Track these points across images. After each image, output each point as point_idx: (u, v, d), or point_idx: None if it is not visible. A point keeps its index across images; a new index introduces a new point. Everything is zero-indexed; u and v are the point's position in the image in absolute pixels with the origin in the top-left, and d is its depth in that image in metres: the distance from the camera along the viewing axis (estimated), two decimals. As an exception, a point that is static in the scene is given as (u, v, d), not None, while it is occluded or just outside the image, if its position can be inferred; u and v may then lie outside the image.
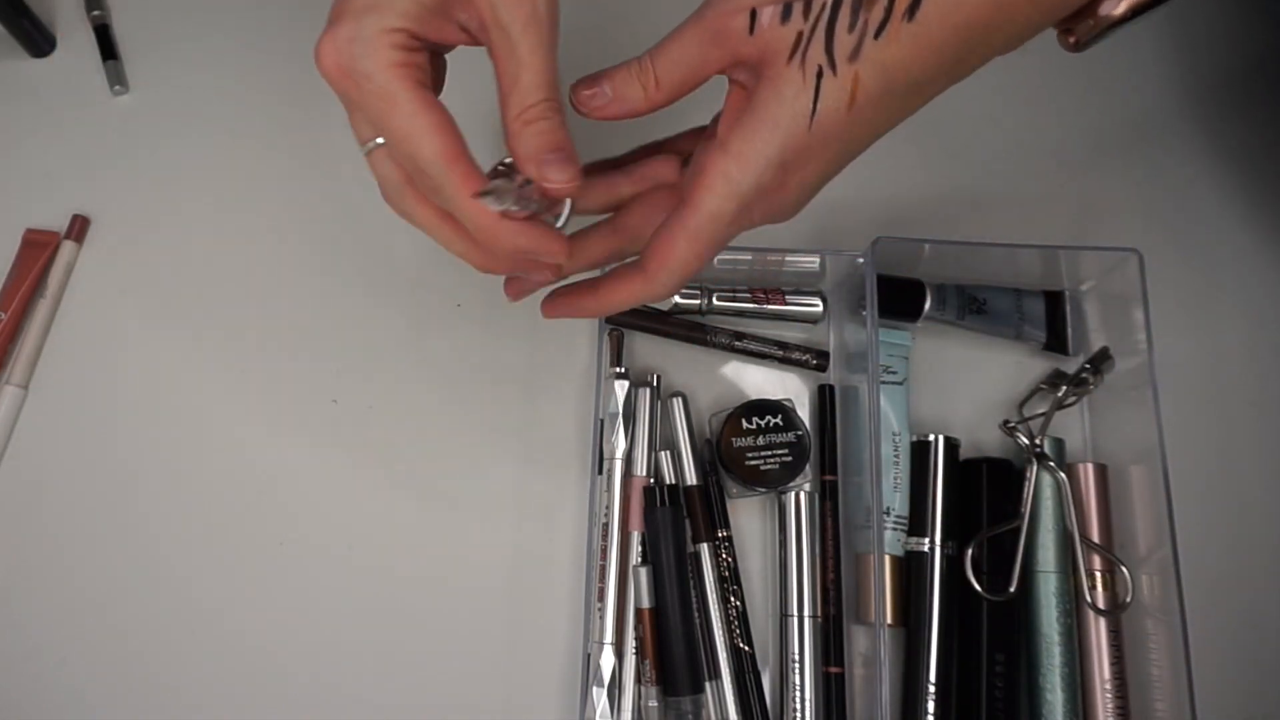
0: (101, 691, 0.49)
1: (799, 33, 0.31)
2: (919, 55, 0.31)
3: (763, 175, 0.33)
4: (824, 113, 0.32)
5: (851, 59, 0.31)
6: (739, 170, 0.33)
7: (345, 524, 0.52)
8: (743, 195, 0.33)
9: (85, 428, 0.53)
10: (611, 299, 0.38)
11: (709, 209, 0.34)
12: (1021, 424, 0.51)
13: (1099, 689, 0.47)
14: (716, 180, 0.33)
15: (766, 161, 0.33)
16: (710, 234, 0.34)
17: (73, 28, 0.61)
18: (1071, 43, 0.34)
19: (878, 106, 0.32)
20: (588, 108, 0.35)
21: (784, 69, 0.32)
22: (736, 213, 0.34)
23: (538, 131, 0.33)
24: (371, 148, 0.34)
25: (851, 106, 0.32)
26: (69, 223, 0.56)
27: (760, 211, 0.35)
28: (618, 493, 0.49)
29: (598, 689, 0.46)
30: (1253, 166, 0.59)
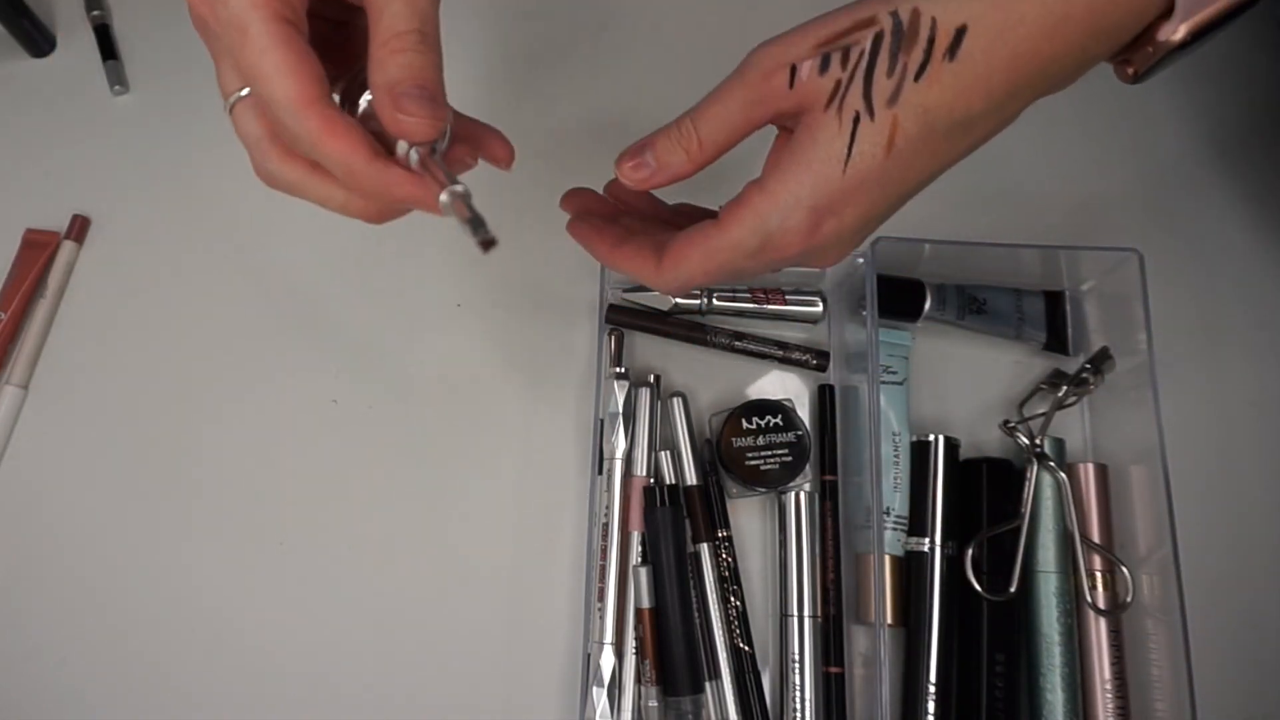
0: (101, 691, 0.49)
1: (837, 81, 0.32)
2: (964, 94, 0.31)
3: (789, 216, 0.33)
4: (859, 156, 0.32)
5: (890, 103, 0.31)
6: (768, 207, 0.33)
7: (345, 524, 0.52)
8: (767, 232, 0.33)
9: (85, 428, 0.53)
10: (623, 262, 0.38)
11: (732, 236, 0.34)
12: (1021, 424, 0.51)
13: (1099, 689, 0.47)
14: (747, 213, 0.34)
15: (796, 202, 0.33)
16: (726, 259, 0.35)
17: (73, 28, 0.61)
18: (1130, 74, 0.33)
19: (918, 149, 0.32)
20: (633, 180, 0.36)
21: (821, 116, 0.32)
22: (758, 248, 0.34)
23: (404, 63, 0.30)
24: (235, 100, 0.31)
25: (890, 150, 0.31)
26: (69, 223, 0.56)
27: (790, 252, 0.34)
28: (618, 493, 0.49)
29: (598, 689, 0.46)
30: (1254, 167, 0.59)
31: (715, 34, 0.60)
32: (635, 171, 0.35)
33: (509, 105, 0.60)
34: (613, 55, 0.61)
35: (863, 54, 0.31)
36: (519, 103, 0.60)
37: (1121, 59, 0.33)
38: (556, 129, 0.59)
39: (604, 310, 0.52)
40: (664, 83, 0.61)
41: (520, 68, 0.61)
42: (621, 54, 0.61)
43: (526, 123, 0.59)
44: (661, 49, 0.61)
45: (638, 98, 0.60)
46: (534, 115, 0.60)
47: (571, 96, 0.60)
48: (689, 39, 0.62)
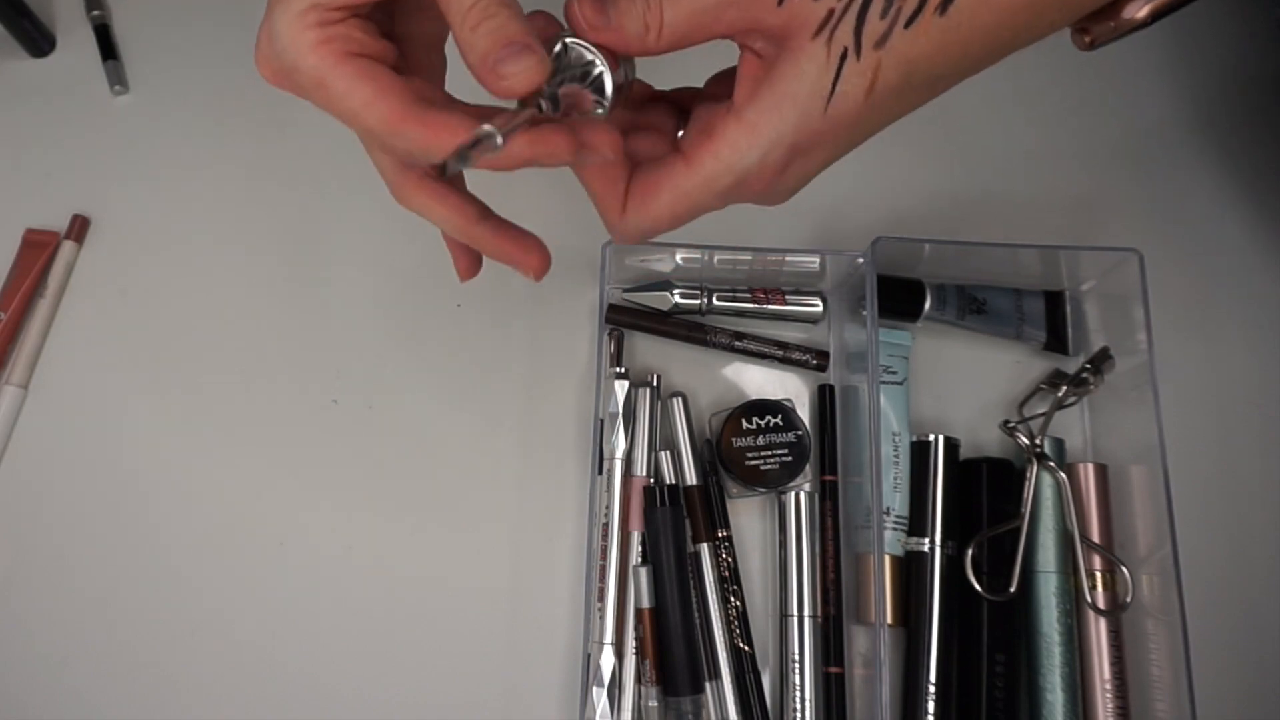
0: (102, 691, 0.49)
1: (830, 10, 0.30)
2: (944, 51, 0.30)
3: (770, 153, 0.31)
4: (841, 97, 0.30)
5: (877, 46, 0.30)
6: (748, 142, 0.31)
7: (345, 524, 0.52)
8: (745, 169, 0.32)
9: (85, 428, 0.53)
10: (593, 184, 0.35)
11: (707, 172, 0.32)
12: (1021, 424, 0.51)
13: (1099, 689, 0.47)
14: (723, 147, 0.32)
15: (779, 138, 0.31)
16: (697, 198, 0.33)
17: (73, 28, 0.61)
18: (1087, 42, 0.33)
19: (893, 99, 0.31)
20: (583, 18, 0.32)
21: (808, 44, 0.30)
22: (731, 186, 0.32)
23: (486, 31, 0.29)
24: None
25: (869, 95, 0.30)
26: (69, 223, 0.56)
27: (754, 191, 0.33)
28: (618, 493, 0.49)
29: (598, 689, 0.46)
30: (1253, 167, 0.59)
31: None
32: (590, 10, 0.32)
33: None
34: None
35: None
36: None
37: (1079, 27, 0.33)
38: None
39: (604, 310, 0.52)
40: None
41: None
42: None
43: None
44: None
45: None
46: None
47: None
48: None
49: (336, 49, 0.30)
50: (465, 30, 0.30)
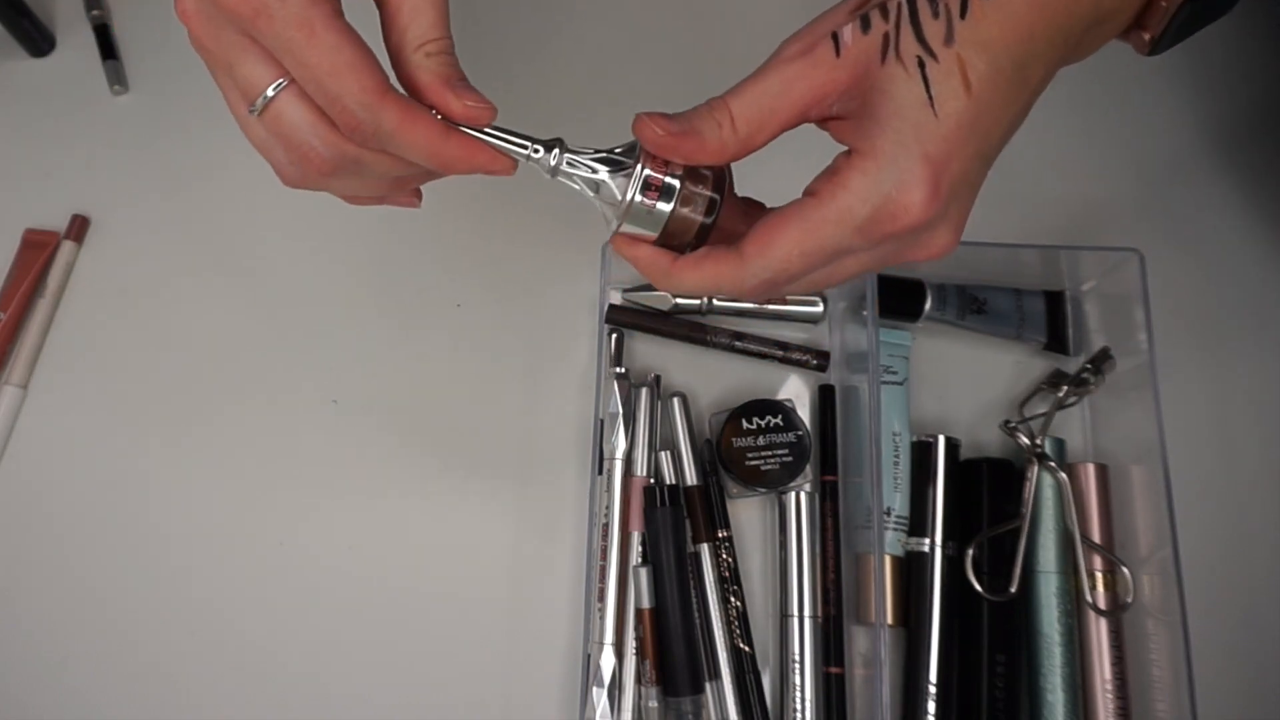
0: (102, 690, 0.49)
1: (885, 34, 0.30)
2: (1012, 31, 0.29)
3: (906, 169, 0.29)
4: (943, 97, 0.29)
5: (947, 42, 0.29)
6: (876, 164, 0.29)
7: (345, 524, 0.52)
8: (882, 194, 0.29)
9: (85, 428, 0.53)
10: (690, 271, 0.33)
11: (839, 204, 0.30)
12: (1022, 424, 0.51)
13: (1100, 690, 0.47)
14: (852, 175, 0.30)
15: (907, 151, 0.29)
16: (830, 233, 0.30)
17: (72, 28, 0.61)
18: (1146, 40, 0.32)
19: (994, 89, 0.29)
20: (659, 135, 0.31)
21: (882, 70, 0.30)
22: (869, 218, 0.30)
23: (445, 63, 0.31)
24: (270, 97, 0.30)
25: (969, 90, 0.29)
26: (69, 223, 0.56)
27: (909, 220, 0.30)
28: (618, 493, 0.49)
29: (598, 689, 0.46)
30: (1254, 166, 0.58)
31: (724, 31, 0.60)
32: (665, 125, 0.31)
33: (508, 102, 0.59)
34: (623, 54, 0.61)
35: (900, 5, 0.30)
36: (518, 99, 0.60)
37: (1136, 25, 0.32)
38: (556, 125, 0.59)
39: (604, 310, 0.52)
40: (689, 82, 0.61)
41: (520, 64, 0.61)
42: (633, 53, 0.61)
43: (523, 120, 0.59)
44: (683, 53, 0.61)
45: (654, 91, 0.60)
46: (532, 112, 0.59)
47: (572, 93, 0.60)
48: (703, 41, 0.61)
49: (332, 3, 0.29)
50: (419, 53, 0.31)
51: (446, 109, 0.31)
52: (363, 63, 0.29)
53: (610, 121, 0.37)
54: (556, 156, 0.33)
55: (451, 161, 0.32)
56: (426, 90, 0.31)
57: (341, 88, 0.29)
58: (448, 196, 0.59)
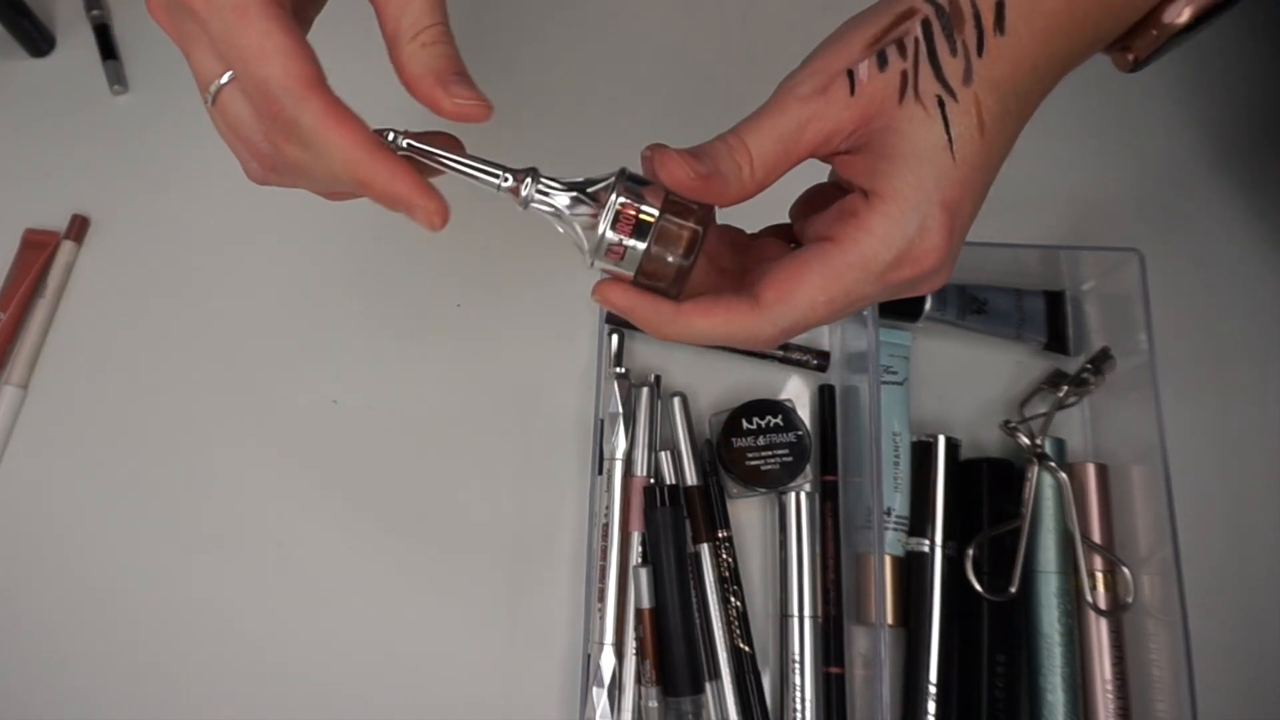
0: (102, 691, 0.49)
1: (902, 72, 0.29)
2: (1019, 68, 0.29)
3: (926, 217, 0.29)
4: (961, 140, 0.29)
5: (966, 82, 0.29)
6: (901, 210, 0.29)
7: (344, 524, 0.52)
8: (906, 240, 0.29)
9: (85, 428, 0.53)
10: (697, 322, 0.31)
11: (863, 250, 0.29)
12: (1022, 424, 0.51)
13: (1100, 690, 0.47)
14: (876, 221, 0.29)
15: (929, 198, 0.29)
16: (851, 283, 0.29)
17: (72, 28, 0.61)
18: (1130, 60, 0.32)
19: (1001, 129, 0.30)
20: (680, 173, 0.30)
21: (900, 110, 0.29)
22: (892, 263, 0.29)
23: (439, 53, 0.29)
24: (218, 87, 0.29)
25: (983, 131, 0.29)
26: (68, 223, 0.56)
27: (922, 268, 0.29)
28: (618, 493, 0.49)
29: (598, 689, 0.46)
30: (1254, 166, 0.58)
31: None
32: (693, 167, 0.29)
33: (505, 100, 0.59)
34: (621, 55, 0.61)
35: (918, 41, 0.29)
36: (518, 95, 0.60)
37: (1121, 45, 0.33)
38: (556, 125, 0.59)
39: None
40: (685, 105, 0.61)
41: (520, 63, 0.61)
42: (629, 54, 0.61)
43: (523, 120, 0.59)
44: (680, 60, 0.61)
45: (648, 100, 0.60)
46: (530, 111, 0.59)
47: (572, 92, 0.60)
48: (706, 53, 0.61)
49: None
50: (414, 44, 0.29)
51: (435, 105, 0.29)
52: (294, 50, 0.28)
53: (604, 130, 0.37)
54: (529, 186, 0.31)
55: (368, 180, 0.29)
56: (416, 84, 0.29)
57: (267, 72, 0.28)
58: (448, 195, 0.59)
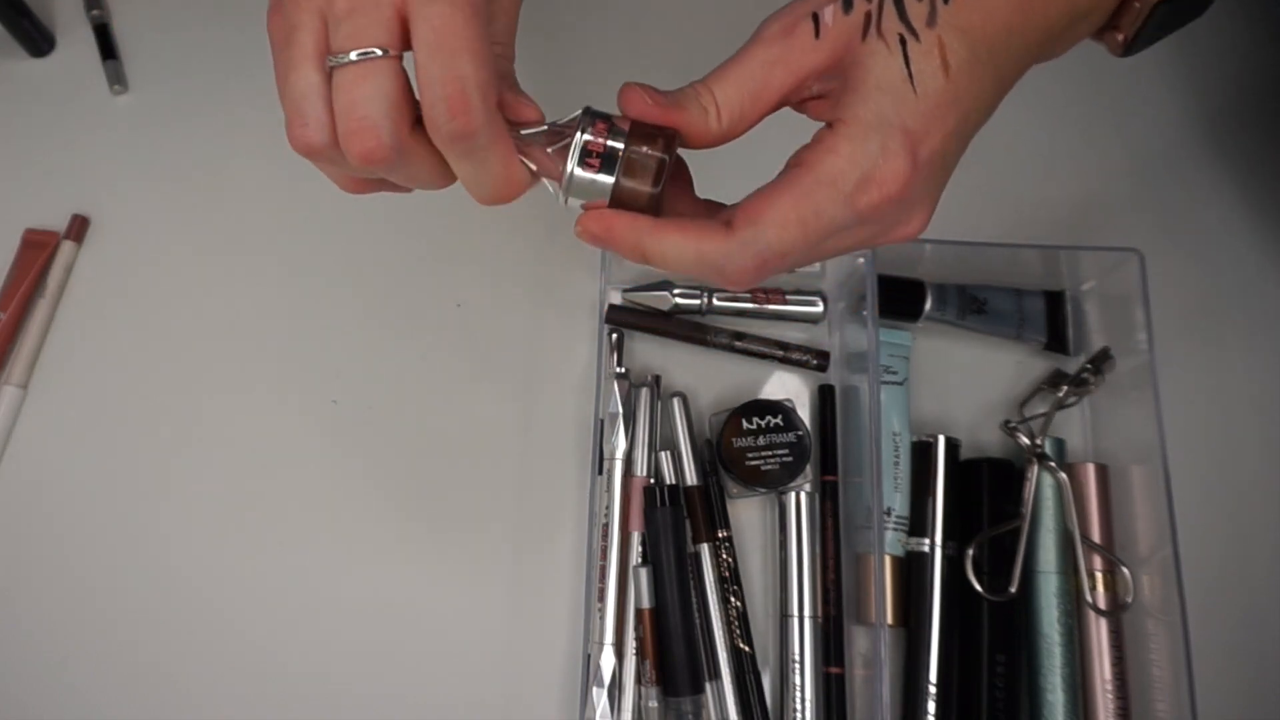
0: (102, 690, 0.49)
1: (866, 13, 0.30)
2: (990, 21, 0.30)
3: (888, 139, 0.29)
4: (922, 76, 0.29)
5: (929, 24, 0.29)
6: (861, 133, 0.29)
7: (344, 523, 0.52)
8: (869, 161, 0.29)
9: (85, 428, 0.53)
10: (670, 238, 0.31)
11: (829, 168, 0.29)
12: (1022, 424, 0.51)
13: (1100, 690, 0.47)
14: (839, 142, 0.29)
15: (888, 122, 0.29)
16: (821, 201, 0.29)
17: (72, 27, 0.61)
18: (1120, 41, 0.33)
19: (972, 76, 0.30)
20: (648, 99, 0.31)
21: (863, 46, 0.30)
22: (859, 185, 0.29)
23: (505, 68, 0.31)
24: (358, 58, 0.28)
25: (947, 72, 0.29)
26: (68, 223, 0.56)
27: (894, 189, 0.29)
28: (618, 493, 0.49)
29: (598, 689, 0.46)
30: (1254, 166, 0.59)
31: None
32: (654, 97, 0.30)
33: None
34: (629, 57, 0.61)
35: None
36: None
37: (1110, 25, 0.33)
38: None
39: (604, 310, 0.52)
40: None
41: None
42: (632, 52, 0.61)
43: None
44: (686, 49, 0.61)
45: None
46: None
47: (573, 93, 0.60)
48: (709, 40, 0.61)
49: None
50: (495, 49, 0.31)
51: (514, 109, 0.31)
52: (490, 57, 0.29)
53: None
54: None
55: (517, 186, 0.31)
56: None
57: (469, 70, 0.28)
58: (447, 196, 0.59)
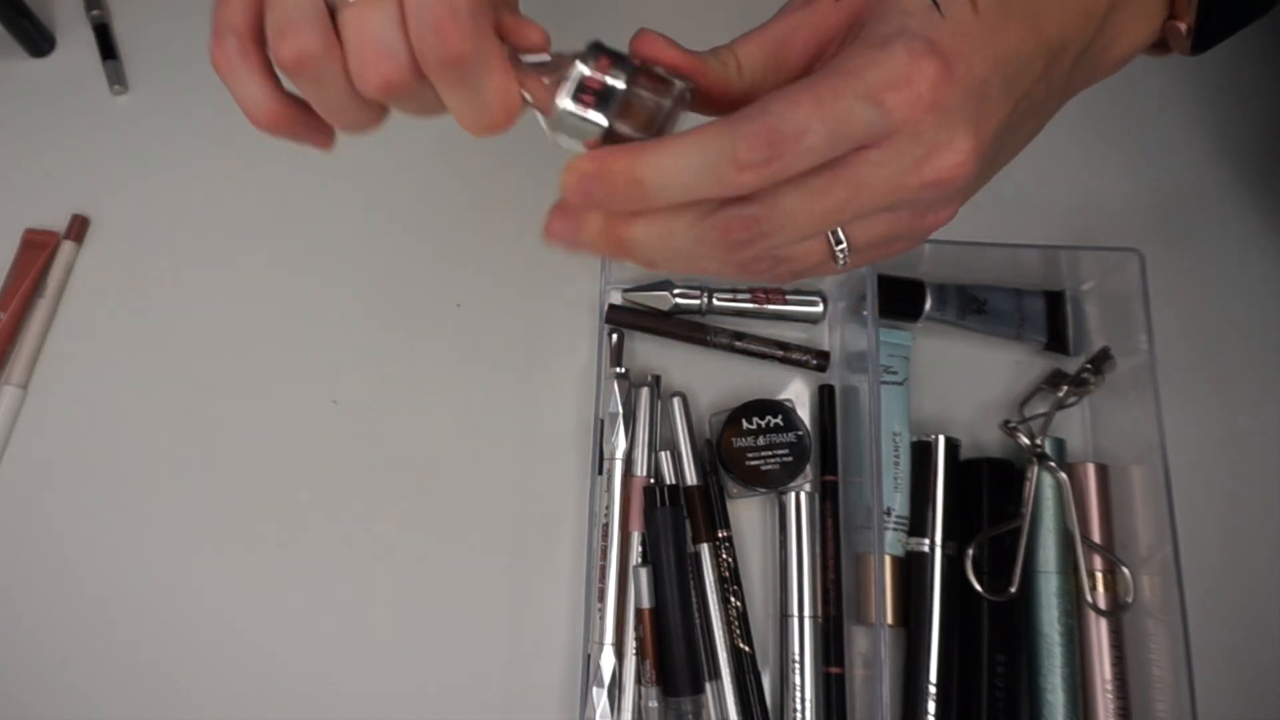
0: (102, 691, 0.49)
1: None
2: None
3: (914, 43, 0.26)
4: (948, 4, 0.27)
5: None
6: (881, 40, 0.26)
7: (344, 524, 0.52)
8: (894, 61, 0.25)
9: (85, 428, 0.53)
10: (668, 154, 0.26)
11: (847, 64, 0.26)
12: (1022, 424, 0.51)
13: (1100, 690, 0.47)
14: (859, 46, 0.26)
15: (911, 33, 0.26)
16: (839, 88, 0.25)
17: (72, 28, 0.61)
18: (1183, 30, 0.31)
19: (1006, 20, 0.27)
20: (659, 48, 0.28)
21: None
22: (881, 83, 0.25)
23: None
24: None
25: (976, 8, 0.27)
26: (68, 223, 0.56)
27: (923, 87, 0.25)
28: (618, 493, 0.49)
29: (598, 689, 0.46)
30: (1254, 166, 0.58)
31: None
32: (662, 38, 0.28)
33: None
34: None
35: None
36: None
37: (1170, 17, 0.31)
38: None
39: (604, 310, 0.52)
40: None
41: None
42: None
43: (523, 120, 0.59)
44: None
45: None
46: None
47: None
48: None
49: None
50: None
51: (514, 34, 0.29)
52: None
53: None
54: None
55: (510, 115, 0.29)
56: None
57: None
58: (448, 195, 0.59)
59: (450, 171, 0.58)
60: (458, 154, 0.58)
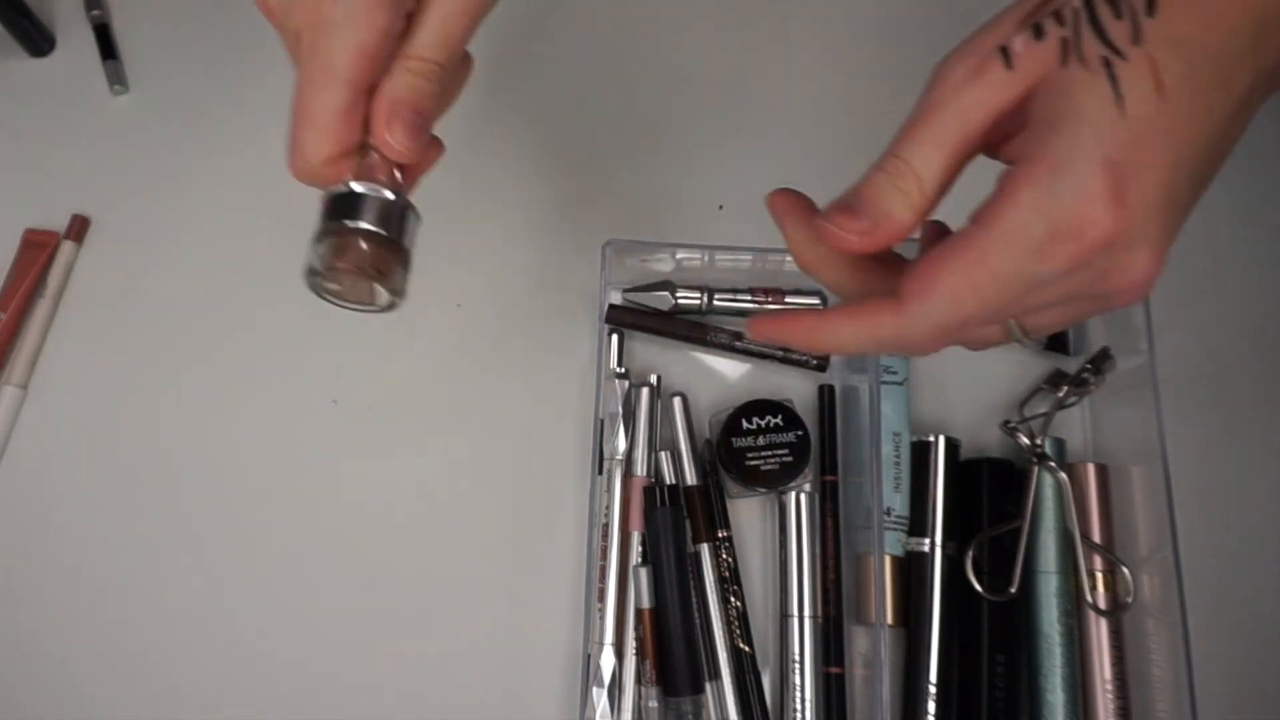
0: (102, 690, 0.49)
1: (1063, 39, 0.26)
2: (1211, 28, 0.26)
3: (1082, 176, 0.25)
4: (1133, 100, 0.25)
5: (1135, 41, 0.25)
6: (1046, 173, 0.25)
7: (344, 524, 0.52)
8: (1058, 205, 0.25)
9: (85, 428, 0.53)
10: (841, 330, 0.29)
11: (1007, 224, 0.26)
12: (1022, 424, 0.51)
13: (1100, 689, 0.47)
14: (1020, 189, 0.26)
15: (1086, 157, 0.25)
16: (999, 263, 0.26)
17: (72, 27, 0.61)
18: None
19: (1190, 92, 0.26)
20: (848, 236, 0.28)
21: (1062, 73, 0.26)
22: (1045, 237, 0.25)
23: (413, 84, 0.30)
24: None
25: (1161, 92, 0.25)
26: (68, 223, 0.56)
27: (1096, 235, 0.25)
28: (618, 493, 0.49)
29: (598, 689, 0.46)
30: (1254, 165, 0.58)
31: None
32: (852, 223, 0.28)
33: (505, 101, 0.59)
34: (626, 60, 0.61)
35: (1076, 10, 0.26)
36: (514, 97, 0.60)
37: None
38: (555, 127, 0.59)
39: (604, 310, 0.52)
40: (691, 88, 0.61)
41: (520, 68, 0.61)
42: (637, 60, 0.61)
43: (523, 121, 0.59)
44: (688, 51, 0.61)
45: (650, 101, 0.60)
46: (530, 113, 0.59)
47: (572, 94, 0.60)
48: (714, 52, 0.61)
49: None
50: (406, 61, 0.30)
51: (374, 129, 0.31)
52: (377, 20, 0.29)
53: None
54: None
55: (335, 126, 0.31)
56: (375, 100, 0.30)
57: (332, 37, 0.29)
58: (448, 195, 0.59)
59: (450, 171, 0.58)
60: (458, 154, 0.58)
